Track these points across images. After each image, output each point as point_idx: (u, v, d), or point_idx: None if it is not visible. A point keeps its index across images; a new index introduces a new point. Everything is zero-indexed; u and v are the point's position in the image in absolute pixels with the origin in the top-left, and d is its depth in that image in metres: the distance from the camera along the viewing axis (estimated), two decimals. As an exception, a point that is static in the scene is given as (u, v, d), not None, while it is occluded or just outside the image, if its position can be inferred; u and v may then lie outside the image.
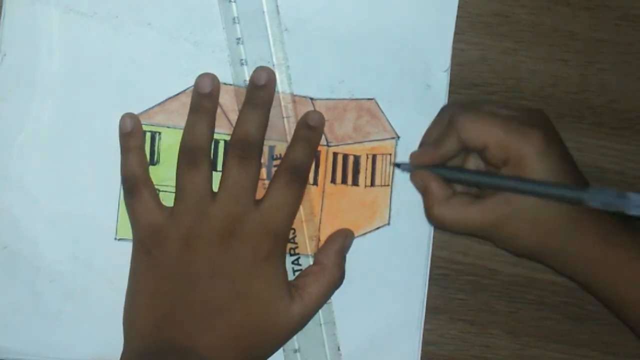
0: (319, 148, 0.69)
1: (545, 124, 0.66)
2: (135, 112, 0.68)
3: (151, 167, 0.68)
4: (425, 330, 0.70)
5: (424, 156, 0.67)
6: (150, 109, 0.69)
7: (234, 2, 0.68)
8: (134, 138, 0.68)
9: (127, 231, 0.68)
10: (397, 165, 0.69)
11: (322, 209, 0.69)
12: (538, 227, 0.65)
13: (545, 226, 0.65)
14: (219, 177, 0.66)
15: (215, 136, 0.68)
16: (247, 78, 0.68)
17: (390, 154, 0.70)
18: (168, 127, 0.69)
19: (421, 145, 0.69)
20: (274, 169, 0.68)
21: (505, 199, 0.64)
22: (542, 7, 0.71)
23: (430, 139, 0.68)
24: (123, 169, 0.68)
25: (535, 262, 0.69)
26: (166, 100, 0.69)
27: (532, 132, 0.64)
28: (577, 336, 0.72)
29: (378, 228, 0.70)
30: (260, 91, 0.67)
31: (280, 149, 0.68)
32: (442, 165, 0.67)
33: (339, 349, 0.70)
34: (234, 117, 0.68)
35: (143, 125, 0.68)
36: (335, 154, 0.69)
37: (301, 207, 0.68)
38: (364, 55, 0.69)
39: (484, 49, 0.71)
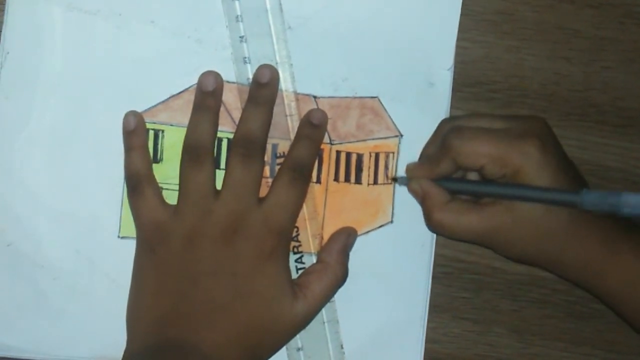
0: (322, 146, 0.69)
1: (541, 132, 0.65)
2: (139, 110, 0.68)
3: (154, 165, 0.68)
4: (428, 328, 0.70)
5: (420, 172, 0.67)
6: (153, 107, 0.69)
7: (238, 0, 0.68)
8: (137, 136, 0.68)
9: (130, 229, 0.68)
10: (395, 179, 0.69)
11: (325, 207, 0.69)
12: (537, 235, 0.65)
13: (545, 233, 0.65)
14: (222, 175, 0.66)
15: (219, 134, 0.68)
16: (250, 76, 0.68)
17: (393, 152, 0.70)
18: (171, 125, 0.69)
19: (420, 158, 0.69)
20: (277, 167, 0.68)
21: (505, 206, 0.64)
22: (546, 4, 0.71)
23: (428, 153, 0.68)
24: (126, 167, 0.68)
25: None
26: (169, 98, 0.69)
27: (527, 144, 0.64)
28: (581, 334, 0.72)
29: (381, 226, 0.70)
30: (263, 89, 0.67)
31: (284, 147, 0.68)
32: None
33: (342, 347, 0.70)
34: (237, 115, 0.68)
35: (146, 123, 0.68)
36: (338, 152, 0.69)
37: (304, 205, 0.68)
38: (368, 53, 0.69)
39: (487, 47, 0.71)
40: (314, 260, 0.69)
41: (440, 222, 0.66)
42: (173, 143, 0.68)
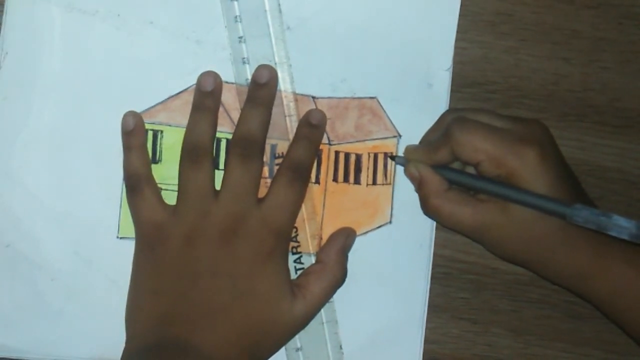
0: (321, 146, 0.69)
1: (542, 138, 0.65)
2: (138, 111, 0.68)
3: (153, 166, 0.68)
4: (427, 329, 0.70)
5: (417, 155, 0.67)
6: (152, 107, 0.69)
7: (236, 0, 0.68)
8: (136, 136, 0.68)
9: (129, 230, 0.68)
10: (392, 157, 0.69)
11: (324, 207, 0.69)
12: (528, 237, 0.65)
13: (536, 237, 0.65)
14: (221, 176, 0.66)
15: (217, 135, 0.68)
16: (249, 77, 0.68)
17: (392, 153, 0.70)
18: (170, 126, 0.69)
19: (420, 143, 0.69)
20: (276, 168, 0.68)
21: (499, 205, 0.64)
22: (544, 5, 0.71)
23: (428, 139, 0.68)
24: (125, 167, 0.68)
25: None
26: (168, 98, 0.69)
27: (527, 149, 0.64)
28: (580, 335, 0.72)
29: (380, 226, 0.70)
30: (262, 90, 0.67)
31: (282, 147, 0.68)
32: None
33: (341, 348, 0.70)
34: (235, 115, 0.68)
35: (145, 124, 0.68)
36: (337, 153, 0.69)
37: (303, 206, 0.68)
38: (366, 53, 0.69)
39: (486, 47, 0.71)
40: (313, 261, 0.69)
41: (437, 208, 0.66)
42: (172, 143, 0.68)
